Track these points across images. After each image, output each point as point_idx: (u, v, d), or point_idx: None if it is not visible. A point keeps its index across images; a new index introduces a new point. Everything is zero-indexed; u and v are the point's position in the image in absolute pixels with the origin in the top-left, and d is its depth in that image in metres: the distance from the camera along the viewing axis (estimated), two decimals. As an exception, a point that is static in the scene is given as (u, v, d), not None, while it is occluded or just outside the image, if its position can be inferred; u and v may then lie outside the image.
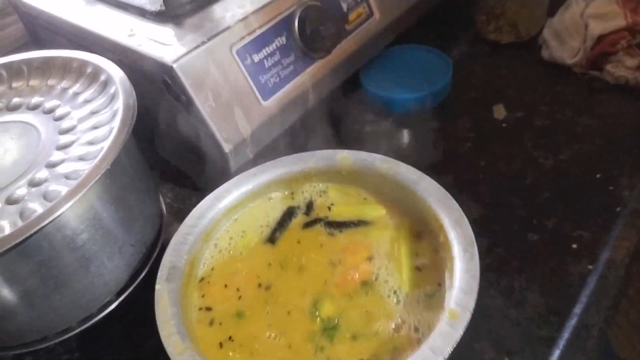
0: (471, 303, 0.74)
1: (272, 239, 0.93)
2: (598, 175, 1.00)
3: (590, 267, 0.86)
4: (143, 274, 0.88)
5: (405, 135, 1.22)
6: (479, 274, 0.78)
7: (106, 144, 0.74)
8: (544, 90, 1.24)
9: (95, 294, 0.81)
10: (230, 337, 0.82)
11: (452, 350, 0.70)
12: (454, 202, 0.87)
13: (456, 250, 0.81)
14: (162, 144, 1.15)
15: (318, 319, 0.82)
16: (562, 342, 0.78)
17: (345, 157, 0.98)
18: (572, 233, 0.92)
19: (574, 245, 0.90)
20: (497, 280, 0.89)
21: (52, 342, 0.80)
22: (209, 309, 0.85)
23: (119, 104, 0.81)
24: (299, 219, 0.97)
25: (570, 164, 1.03)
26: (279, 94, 1.00)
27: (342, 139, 1.14)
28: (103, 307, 0.84)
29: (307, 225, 0.96)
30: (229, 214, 0.95)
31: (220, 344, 0.81)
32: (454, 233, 0.83)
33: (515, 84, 1.28)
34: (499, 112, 1.19)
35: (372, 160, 0.96)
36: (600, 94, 1.19)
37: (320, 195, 0.99)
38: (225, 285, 0.88)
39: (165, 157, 1.17)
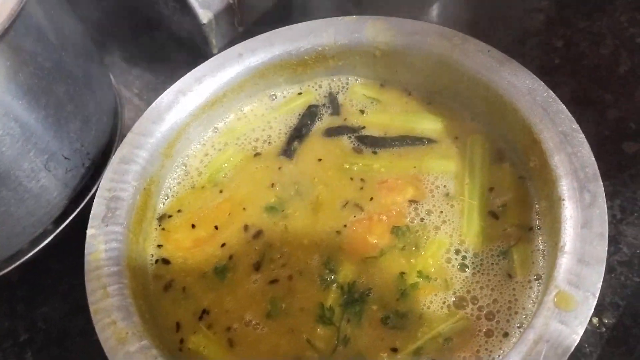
0: (596, 282, 0.43)
1: (288, 152, 0.63)
2: None
3: None
4: (89, 196, 0.67)
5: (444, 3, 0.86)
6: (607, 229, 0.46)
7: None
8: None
9: (19, 226, 0.63)
10: (204, 311, 0.54)
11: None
12: (561, 105, 0.53)
13: (565, 186, 0.48)
14: (123, 13, 0.86)
15: (334, 285, 0.52)
16: None
17: (380, 26, 0.62)
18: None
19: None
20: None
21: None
22: (166, 262, 0.56)
23: None
24: (323, 122, 0.66)
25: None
26: None
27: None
28: (36, 241, 0.65)
29: (330, 132, 0.64)
30: (204, 117, 0.63)
31: (178, 325, 0.53)
32: (559, 157, 0.50)
33: None
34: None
35: (425, 34, 0.60)
36: None
37: (345, 92, 0.66)
38: (193, 226, 0.58)
39: (130, 34, 0.89)
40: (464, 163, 0.59)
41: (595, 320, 0.60)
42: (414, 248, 0.55)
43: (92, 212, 0.55)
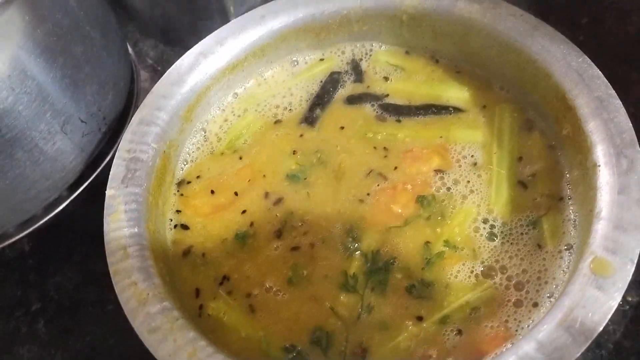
0: (635, 248, 0.42)
1: (310, 120, 0.62)
2: None
3: None
4: (105, 162, 0.66)
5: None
6: (646, 195, 0.44)
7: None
8: None
9: (33, 190, 0.61)
10: (224, 277, 0.53)
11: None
12: (596, 70, 0.51)
13: (600, 152, 0.47)
14: None
15: (357, 253, 0.51)
16: None
17: (408, -10, 0.60)
18: None
19: None
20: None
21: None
22: (185, 227, 0.55)
23: None
24: (345, 89, 0.64)
25: None
26: None
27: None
28: (50, 207, 0.63)
29: (353, 100, 0.62)
30: (225, 81, 0.61)
31: (197, 291, 0.52)
32: (595, 123, 0.48)
33: None
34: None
35: (453, -2, 0.59)
36: None
37: (368, 60, 0.64)
38: (212, 192, 0.56)
39: (145, 3, 0.85)
40: (492, 132, 0.57)
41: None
42: (439, 217, 0.53)
43: (111, 172, 0.54)
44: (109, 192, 0.52)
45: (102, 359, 0.61)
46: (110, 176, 0.54)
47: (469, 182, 0.55)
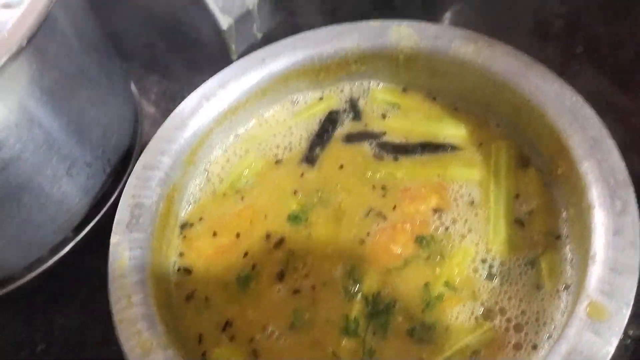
0: (629, 292, 0.42)
1: (310, 159, 0.63)
2: None
3: None
4: (109, 203, 0.67)
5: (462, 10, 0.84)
6: (640, 238, 0.45)
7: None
8: None
9: (39, 233, 0.62)
10: (227, 322, 0.53)
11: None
12: (590, 110, 0.52)
13: (595, 193, 0.47)
14: (143, 20, 0.83)
15: (358, 296, 0.52)
16: None
17: (404, 31, 0.62)
18: None
19: None
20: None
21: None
22: (188, 271, 0.55)
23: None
24: (344, 128, 0.65)
25: None
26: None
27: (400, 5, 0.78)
28: (56, 249, 0.64)
29: (351, 138, 0.63)
30: (227, 123, 0.63)
31: (201, 337, 0.52)
32: (589, 164, 0.49)
33: None
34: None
35: (449, 38, 0.60)
36: None
37: (366, 98, 0.65)
38: (215, 234, 0.57)
39: (149, 40, 0.86)
40: (488, 170, 0.58)
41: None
42: (439, 257, 0.54)
43: (116, 218, 0.55)
44: (113, 238, 0.53)
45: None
46: (115, 222, 0.55)
47: (466, 221, 0.56)
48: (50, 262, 0.64)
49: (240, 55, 0.71)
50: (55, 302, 0.68)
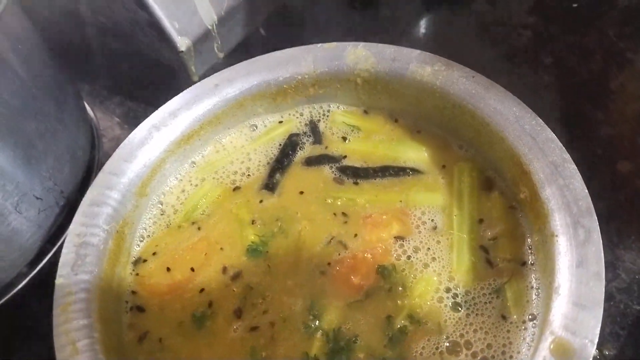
0: (594, 327, 0.41)
1: (270, 186, 0.60)
2: None
3: None
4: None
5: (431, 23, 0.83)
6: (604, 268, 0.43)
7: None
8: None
9: None
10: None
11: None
12: (550, 133, 0.51)
13: (558, 221, 0.46)
14: (103, 41, 0.81)
15: (319, 332, 0.49)
16: None
17: (359, 53, 0.60)
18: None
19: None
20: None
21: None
22: (141, 309, 0.53)
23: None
24: (304, 152, 0.63)
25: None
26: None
27: (360, 25, 0.76)
28: (9, 286, 0.61)
29: (311, 162, 0.62)
30: (181, 152, 0.60)
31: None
32: (551, 190, 0.47)
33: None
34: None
35: (406, 60, 0.58)
36: None
37: (326, 120, 0.63)
38: (168, 269, 0.55)
39: (111, 61, 0.84)
40: (451, 194, 0.57)
41: (595, 352, 0.57)
42: (400, 288, 0.52)
43: (61, 259, 0.52)
44: (58, 281, 0.51)
45: None
46: (59, 263, 0.52)
47: (429, 249, 0.54)
48: (4, 299, 0.60)
49: (202, 76, 0.69)
50: (14, 336, 0.65)
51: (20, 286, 0.61)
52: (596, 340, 0.41)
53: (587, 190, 0.47)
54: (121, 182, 0.56)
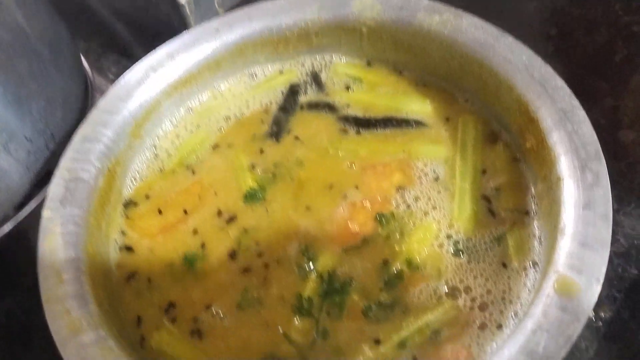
0: (600, 267, 0.39)
1: (270, 133, 0.59)
2: None
3: None
4: None
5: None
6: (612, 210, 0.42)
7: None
8: None
9: None
10: (170, 304, 0.49)
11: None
12: (560, 80, 0.49)
13: (565, 165, 0.44)
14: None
15: (313, 274, 0.48)
16: None
17: (367, 1, 0.59)
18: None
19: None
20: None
21: None
22: (130, 249, 0.51)
23: None
24: (306, 99, 0.62)
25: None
26: None
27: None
28: None
29: (313, 107, 0.60)
30: (177, 95, 0.58)
31: (139, 319, 0.48)
32: (559, 135, 0.46)
33: None
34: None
35: (414, 9, 0.57)
36: None
37: (328, 72, 0.62)
38: (160, 212, 0.53)
39: (107, 19, 0.81)
40: (455, 146, 0.55)
41: (591, 314, 0.56)
42: (398, 236, 0.50)
43: (49, 192, 0.50)
44: (45, 213, 0.49)
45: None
46: (47, 197, 0.50)
47: (430, 198, 0.52)
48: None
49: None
50: None
51: (4, 230, 0.59)
52: (602, 279, 0.39)
53: (595, 136, 0.46)
54: (115, 120, 0.55)
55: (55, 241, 0.47)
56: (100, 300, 0.46)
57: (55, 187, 0.50)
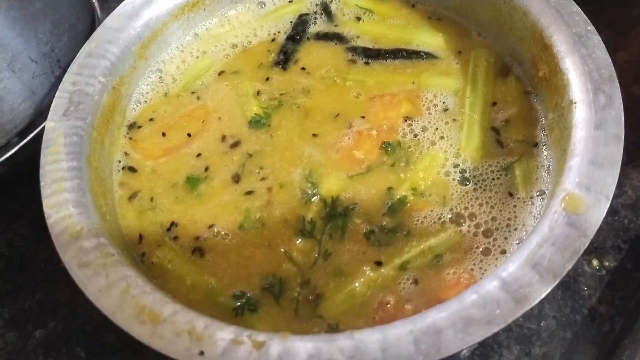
0: (610, 184, 0.38)
1: (277, 61, 0.58)
2: None
3: None
4: None
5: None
6: (624, 131, 0.41)
7: None
8: None
9: None
10: (172, 223, 0.49)
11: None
12: (575, 6, 0.48)
13: (578, 87, 0.43)
14: None
15: (316, 198, 0.47)
16: None
17: None
18: None
19: None
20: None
21: None
22: (133, 170, 0.50)
23: None
24: (315, 29, 0.60)
25: None
26: None
27: None
28: None
29: (322, 37, 0.59)
30: (184, 18, 0.57)
31: (141, 237, 0.47)
32: (572, 59, 0.45)
33: None
34: None
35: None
36: None
37: (339, 2, 0.60)
38: (164, 134, 0.52)
39: None
40: (465, 79, 0.54)
41: (595, 262, 0.55)
42: (403, 164, 0.50)
43: (53, 104, 0.50)
44: (48, 124, 0.48)
45: (51, 316, 0.57)
46: (51, 108, 0.49)
47: (437, 129, 0.51)
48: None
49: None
50: (0, 217, 0.63)
51: (8, 155, 0.58)
52: (611, 196, 0.39)
53: (610, 59, 0.45)
54: (121, 38, 0.54)
55: (57, 151, 0.47)
56: (102, 211, 0.45)
57: (58, 99, 0.50)
